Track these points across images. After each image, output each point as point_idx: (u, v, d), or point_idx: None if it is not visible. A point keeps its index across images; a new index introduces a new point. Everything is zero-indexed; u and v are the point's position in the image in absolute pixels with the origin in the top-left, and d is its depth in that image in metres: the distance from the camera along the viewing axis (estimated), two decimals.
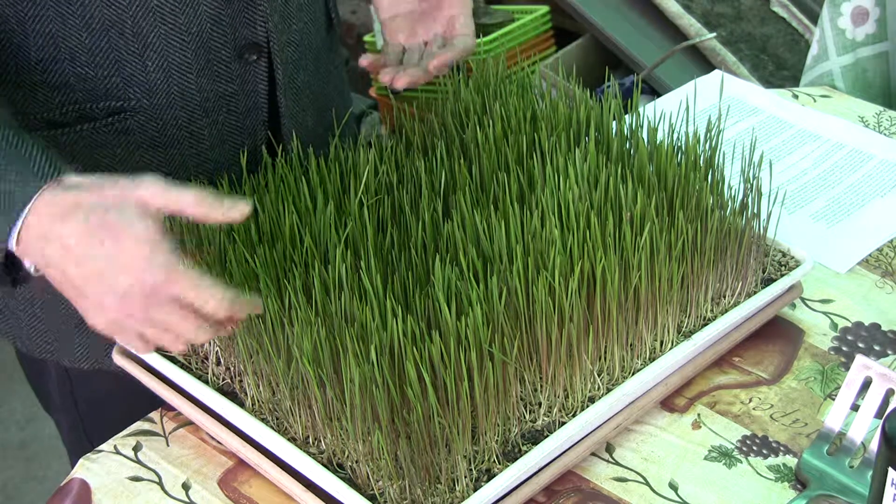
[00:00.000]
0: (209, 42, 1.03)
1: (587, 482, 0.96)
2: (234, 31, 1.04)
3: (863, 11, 1.52)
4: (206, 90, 1.05)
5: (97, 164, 1.04)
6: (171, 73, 1.03)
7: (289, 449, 0.92)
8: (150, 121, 1.04)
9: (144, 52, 1.01)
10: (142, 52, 1.01)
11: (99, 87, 1.02)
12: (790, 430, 1.01)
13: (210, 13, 1.02)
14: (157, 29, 1.00)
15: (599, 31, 2.45)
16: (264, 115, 1.10)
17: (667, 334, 1.01)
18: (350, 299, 0.89)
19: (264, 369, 0.94)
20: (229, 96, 1.07)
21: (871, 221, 1.27)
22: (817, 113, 1.46)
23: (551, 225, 0.95)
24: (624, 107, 1.14)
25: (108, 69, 1.01)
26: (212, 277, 0.82)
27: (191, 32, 1.02)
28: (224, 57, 1.05)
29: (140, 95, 1.03)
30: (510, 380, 0.91)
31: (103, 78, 1.01)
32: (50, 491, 1.01)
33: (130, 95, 1.03)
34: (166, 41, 1.01)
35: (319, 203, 0.99)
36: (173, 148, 1.06)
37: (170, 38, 1.01)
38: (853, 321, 1.13)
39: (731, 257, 1.05)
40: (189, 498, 0.96)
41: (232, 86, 1.07)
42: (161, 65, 1.02)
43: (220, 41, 1.04)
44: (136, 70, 1.01)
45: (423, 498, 0.87)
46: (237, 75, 1.07)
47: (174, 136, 1.05)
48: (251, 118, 1.09)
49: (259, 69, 1.08)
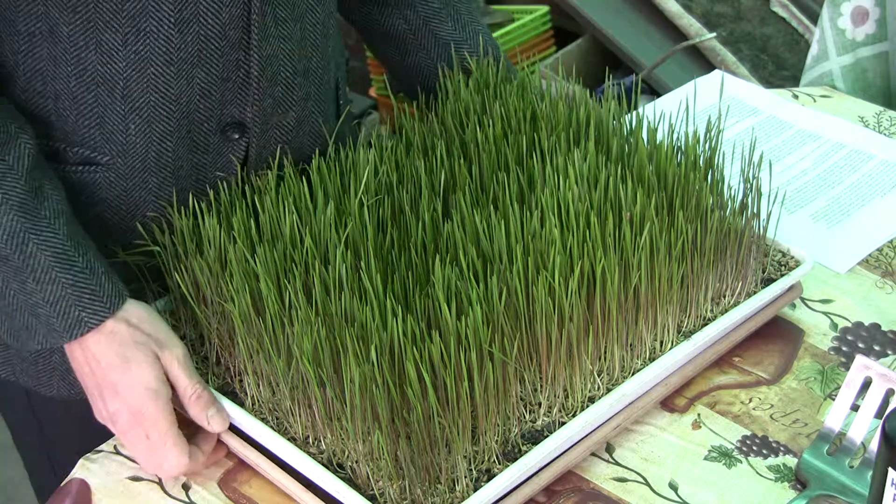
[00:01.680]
0: (195, 114, 1.02)
1: (587, 482, 0.96)
2: (221, 108, 1.03)
3: (863, 11, 1.52)
4: (182, 159, 1.04)
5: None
6: (151, 138, 1.01)
7: (289, 449, 0.92)
8: (119, 179, 1.03)
9: (129, 115, 1.00)
10: (126, 115, 1.00)
11: (77, 133, 1.01)
12: (790, 430, 1.01)
13: (202, 87, 1.01)
14: (147, 96, 0.99)
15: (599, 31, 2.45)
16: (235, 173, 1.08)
17: (667, 334, 1.01)
18: (350, 299, 0.89)
19: (264, 369, 0.94)
20: (202, 166, 1.06)
21: (871, 221, 1.27)
22: (817, 113, 1.46)
23: (551, 225, 0.95)
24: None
25: (90, 120, 1.00)
26: (179, 438, 0.94)
27: (180, 102, 1.01)
28: (206, 129, 1.04)
29: (116, 153, 1.01)
30: (510, 380, 0.91)
31: (83, 127, 1.00)
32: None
33: (106, 151, 1.01)
34: (154, 108, 1.00)
35: (319, 203, 0.99)
36: (134, 207, 1.05)
37: (157, 106, 1.00)
38: (853, 321, 1.13)
39: (730, 257, 1.05)
40: (189, 498, 0.96)
41: (207, 157, 1.05)
42: (143, 129, 1.01)
43: (206, 115, 1.03)
44: (117, 129, 1.00)
45: (423, 498, 0.87)
46: (214, 148, 1.05)
47: (139, 197, 1.04)
48: (217, 188, 1.06)
49: (238, 146, 1.06)
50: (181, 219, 1.01)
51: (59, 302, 0.93)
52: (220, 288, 0.97)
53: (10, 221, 0.92)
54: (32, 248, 0.93)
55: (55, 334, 0.94)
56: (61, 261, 0.93)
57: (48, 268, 0.93)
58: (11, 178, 0.93)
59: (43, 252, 0.93)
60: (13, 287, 0.94)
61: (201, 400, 0.95)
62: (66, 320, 0.93)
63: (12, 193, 0.93)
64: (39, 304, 0.94)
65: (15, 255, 0.93)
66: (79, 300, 0.93)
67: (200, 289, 1.00)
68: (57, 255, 0.93)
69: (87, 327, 0.93)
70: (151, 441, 0.93)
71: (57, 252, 0.94)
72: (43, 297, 0.93)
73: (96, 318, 0.94)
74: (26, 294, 0.94)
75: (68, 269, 0.93)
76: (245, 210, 1.01)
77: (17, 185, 0.93)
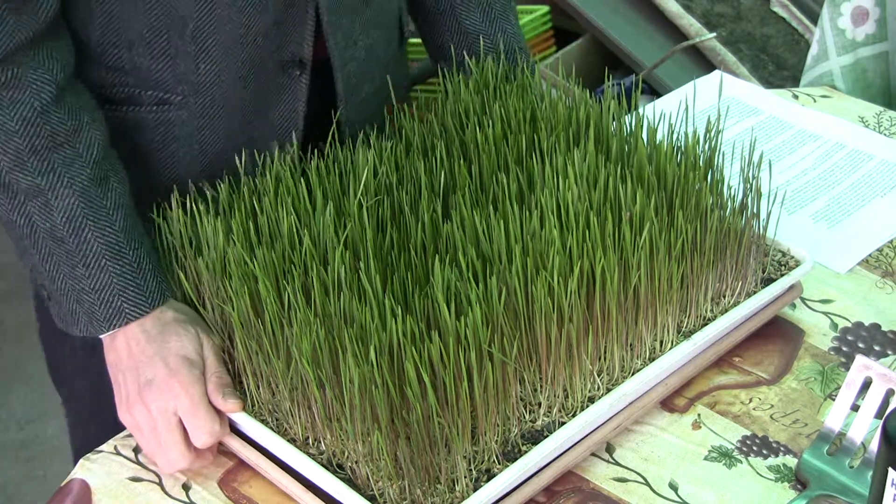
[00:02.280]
0: (259, 53, 1.06)
1: (587, 482, 0.96)
2: (282, 47, 1.08)
3: (863, 11, 1.52)
4: (248, 98, 1.08)
5: (136, 147, 1.09)
6: (220, 78, 1.06)
7: (289, 450, 0.92)
8: (191, 118, 1.07)
9: (199, 56, 1.04)
10: (196, 55, 1.04)
11: (150, 77, 1.06)
12: (790, 431, 1.01)
13: (268, 26, 1.05)
14: (216, 36, 1.03)
15: (599, 31, 2.45)
16: (300, 124, 1.12)
17: (667, 334, 1.01)
18: (349, 300, 0.89)
19: (264, 370, 0.94)
20: (268, 105, 1.10)
21: (871, 221, 1.27)
22: (817, 113, 1.46)
23: (551, 225, 0.95)
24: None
25: (162, 63, 1.05)
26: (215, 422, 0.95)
27: (245, 43, 1.05)
28: (270, 69, 1.08)
29: (187, 93, 1.06)
30: (510, 380, 0.91)
31: (156, 70, 1.05)
32: (50, 491, 1.01)
33: (178, 91, 1.06)
34: (222, 49, 1.04)
35: (319, 204, 0.99)
36: (207, 146, 1.09)
37: (225, 47, 1.04)
38: (853, 321, 1.13)
39: (730, 257, 1.05)
40: (189, 498, 0.96)
41: (272, 96, 1.10)
42: (212, 69, 1.05)
43: (271, 53, 1.07)
44: (188, 70, 1.05)
45: (423, 498, 0.87)
46: (278, 87, 1.10)
47: (210, 135, 1.09)
48: (284, 129, 1.12)
49: (301, 84, 1.10)
50: (180, 219, 1.01)
51: (103, 290, 0.97)
52: (219, 289, 0.97)
53: (71, 205, 0.97)
54: (88, 234, 0.97)
55: (95, 323, 0.98)
56: (112, 251, 0.98)
57: (99, 255, 0.98)
58: (79, 165, 0.98)
59: (97, 239, 0.98)
60: (64, 271, 0.98)
61: (222, 380, 0.97)
62: (107, 309, 0.97)
63: (77, 179, 0.97)
64: (85, 290, 0.98)
65: (71, 238, 0.97)
66: (123, 291, 0.98)
67: (199, 290, 1.00)
68: (109, 245, 0.98)
69: (127, 319, 0.98)
70: (183, 410, 0.94)
71: (110, 242, 0.98)
72: (90, 284, 0.97)
73: (137, 311, 0.98)
74: (74, 279, 0.98)
75: (118, 260, 0.98)
76: (244, 211, 1.01)
77: (84, 172, 0.98)
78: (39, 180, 0.96)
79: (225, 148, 1.09)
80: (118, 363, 0.98)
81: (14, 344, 2.56)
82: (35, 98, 0.96)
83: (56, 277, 0.99)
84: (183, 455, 0.95)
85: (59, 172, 0.97)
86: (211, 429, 0.95)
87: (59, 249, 0.98)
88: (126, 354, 0.98)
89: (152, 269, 0.99)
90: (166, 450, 0.95)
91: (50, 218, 0.97)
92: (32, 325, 1.22)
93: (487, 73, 1.18)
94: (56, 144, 0.97)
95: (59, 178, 0.97)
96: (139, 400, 0.96)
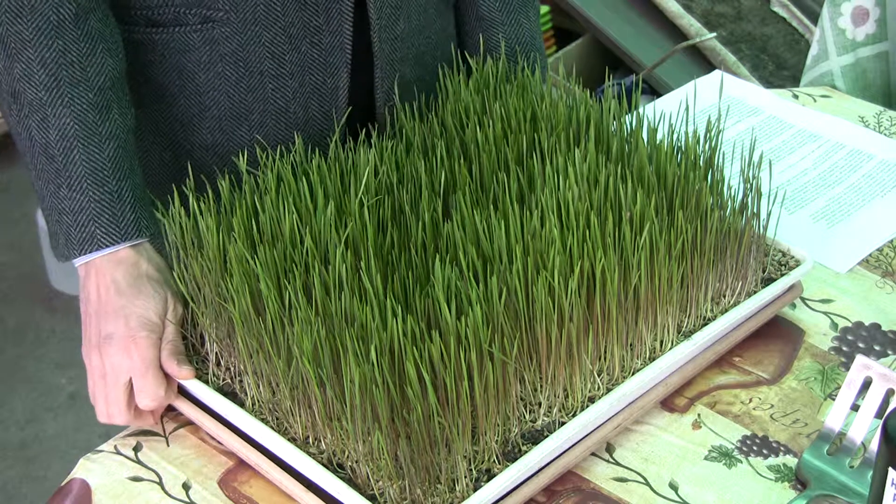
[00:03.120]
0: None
1: (587, 482, 0.96)
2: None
3: (863, 11, 1.52)
4: (291, 15, 1.09)
5: (183, 67, 1.11)
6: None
7: (289, 449, 0.92)
8: (235, 34, 1.09)
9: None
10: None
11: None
12: (790, 430, 1.01)
13: None
14: None
15: (599, 31, 2.45)
16: (348, 57, 1.13)
17: (667, 334, 1.01)
18: (350, 299, 0.89)
19: (264, 369, 0.94)
20: (314, 28, 1.10)
21: (871, 221, 1.27)
22: (817, 113, 1.46)
23: (551, 225, 0.95)
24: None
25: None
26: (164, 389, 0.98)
27: None
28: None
29: (228, 8, 1.08)
30: (510, 380, 0.91)
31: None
32: (50, 491, 1.01)
33: (220, 6, 1.08)
34: None
35: (320, 203, 0.99)
36: (254, 66, 1.10)
37: None
38: (853, 321, 1.13)
39: (730, 257, 1.05)
40: (189, 498, 0.96)
41: (317, 18, 1.10)
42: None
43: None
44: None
45: (423, 498, 0.87)
46: (323, 9, 1.10)
47: (256, 53, 1.10)
48: (334, 56, 1.12)
49: (345, 8, 1.10)
50: (181, 218, 1.01)
51: (80, 212, 1.00)
52: (220, 288, 0.97)
53: (65, 125, 0.99)
54: (76, 156, 1.00)
55: (70, 246, 1.00)
56: (96, 177, 1.00)
57: (82, 178, 1.00)
58: (84, 88, 1.00)
59: (84, 163, 0.99)
60: (51, 189, 1.00)
61: (177, 348, 0.99)
62: (81, 232, 1.00)
63: (78, 101, 1.00)
64: (65, 210, 1.00)
65: (60, 156, 0.99)
66: (98, 216, 1.00)
67: (200, 288, 1.00)
68: (94, 171, 1.00)
69: (98, 245, 1.00)
70: (133, 370, 0.97)
71: (95, 168, 1.00)
72: (69, 205, 1.00)
73: (108, 239, 1.00)
74: (58, 199, 1.00)
75: (99, 187, 1.00)
76: (245, 210, 1.01)
77: (86, 95, 1.00)
78: (43, 94, 0.99)
79: (272, 68, 1.10)
80: (87, 303, 1.01)
81: (14, 344, 2.56)
82: (53, 11, 0.98)
83: (45, 195, 1.01)
84: (121, 413, 0.98)
85: (63, 90, 0.99)
86: (155, 394, 0.97)
87: (49, 167, 1.00)
88: (95, 298, 1.00)
89: (132, 201, 1.01)
90: (108, 403, 0.98)
91: (46, 133, 0.99)
92: (32, 325, 1.22)
93: (488, 73, 1.18)
94: (66, 62, 0.99)
95: (60, 96, 0.99)
96: (97, 348, 0.98)
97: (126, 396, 0.98)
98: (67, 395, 2.42)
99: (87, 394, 1.01)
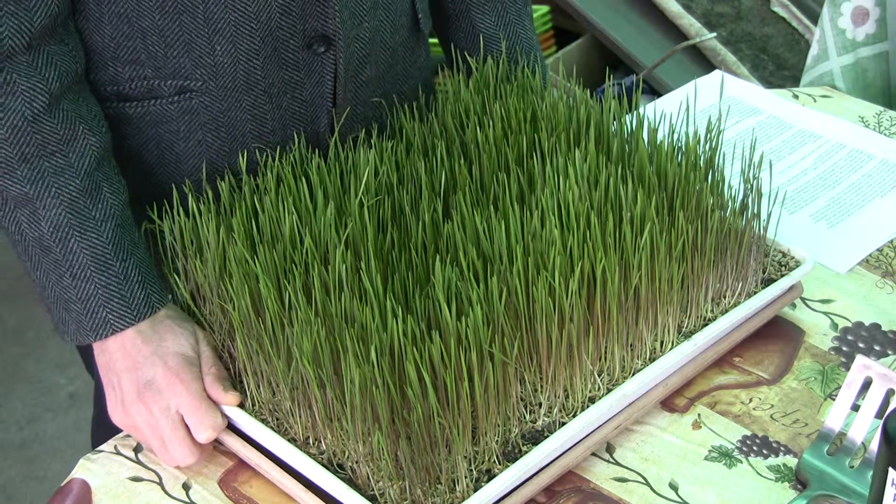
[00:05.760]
0: (277, 31, 1.05)
1: (587, 482, 0.96)
2: (303, 23, 1.06)
3: (863, 11, 1.52)
4: (272, 76, 1.08)
5: (160, 138, 1.08)
6: (238, 57, 1.05)
7: (289, 449, 0.92)
8: (214, 102, 1.07)
9: (213, 37, 1.03)
10: (211, 37, 1.03)
11: (168, 65, 1.05)
12: (790, 430, 1.01)
13: (280, 4, 1.04)
14: (228, 15, 1.03)
15: (599, 31, 2.45)
16: (329, 104, 1.12)
17: (667, 334, 1.01)
18: (350, 300, 0.89)
19: (264, 370, 0.94)
20: (295, 84, 1.09)
21: (871, 221, 1.27)
22: (817, 113, 1.46)
23: (551, 225, 0.95)
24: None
25: (177, 49, 1.04)
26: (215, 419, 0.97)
27: (260, 20, 1.04)
28: (292, 46, 1.07)
29: (207, 77, 1.05)
30: (510, 380, 0.91)
31: (172, 57, 1.04)
32: (50, 491, 1.01)
33: (197, 76, 1.05)
34: (235, 27, 1.03)
35: (320, 203, 0.99)
36: (235, 129, 1.09)
37: (239, 25, 1.03)
38: (853, 321, 1.13)
39: (731, 257, 1.05)
40: (189, 498, 0.96)
41: (298, 74, 1.09)
42: (229, 49, 1.04)
43: (289, 31, 1.06)
44: (204, 52, 1.04)
45: (424, 498, 0.87)
46: (304, 64, 1.08)
47: (237, 118, 1.08)
48: (315, 106, 1.11)
49: (327, 60, 1.09)
50: (180, 219, 1.01)
51: (89, 300, 0.97)
52: (219, 289, 0.97)
53: (57, 216, 0.97)
54: (73, 245, 0.97)
55: (83, 332, 0.98)
56: (98, 262, 0.98)
57: (84, 266, 0.97)
58: (69, 175, 0.97)
59: (83, 251, 0.97)
60: (52, 279, 0.98)
61: (220, 374, 0.98)
62: (93, 319, 0.97)
63: (65, 190, 0.97)
64: (72, 299, 0.98)
65: (57, 248, 0.97)
66: (108, 302, 0.97)
67: (200, 290, 1.00)
68: (95, 256, 0.98)
69: (112, 329, 0.97)
70: (185, 407, 0.95)
71: (96, 253, 0.98)
72: (76, 294, 0.98)
73: (122, 322, 0.98)
74: (62, 288, 0.98)
75: (103, 272, 0.98)
76: (245, 210, 1.01)
77: (73, 182, 0.97)
78: (28, 188, 0.96)
79: (253, 129, 1.09)
80: (111, 364, 0.98)
81: (14, 344, 2.56)
82: (26, 106, 0.95)
83: (46, 285, 0.99)
84: (191, 450, 0.96)
85: (48, 182, 0.96)
86: (213, 423, 0.95)
87: (47, 258, 0.98)
88: (121, 356, 0.98)
89: (140, 280, 0.98)
90: (172, 448, 0.96)
91: (38, 227, 0.97)
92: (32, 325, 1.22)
93: (488, 73, 1.18)
94: (46, 153, 0.96)
95: (47, 188, 0.96)
96: (138, 401, 0.96)
97: (186, 433, 0.96)
98: (67, 394, 2.42)
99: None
